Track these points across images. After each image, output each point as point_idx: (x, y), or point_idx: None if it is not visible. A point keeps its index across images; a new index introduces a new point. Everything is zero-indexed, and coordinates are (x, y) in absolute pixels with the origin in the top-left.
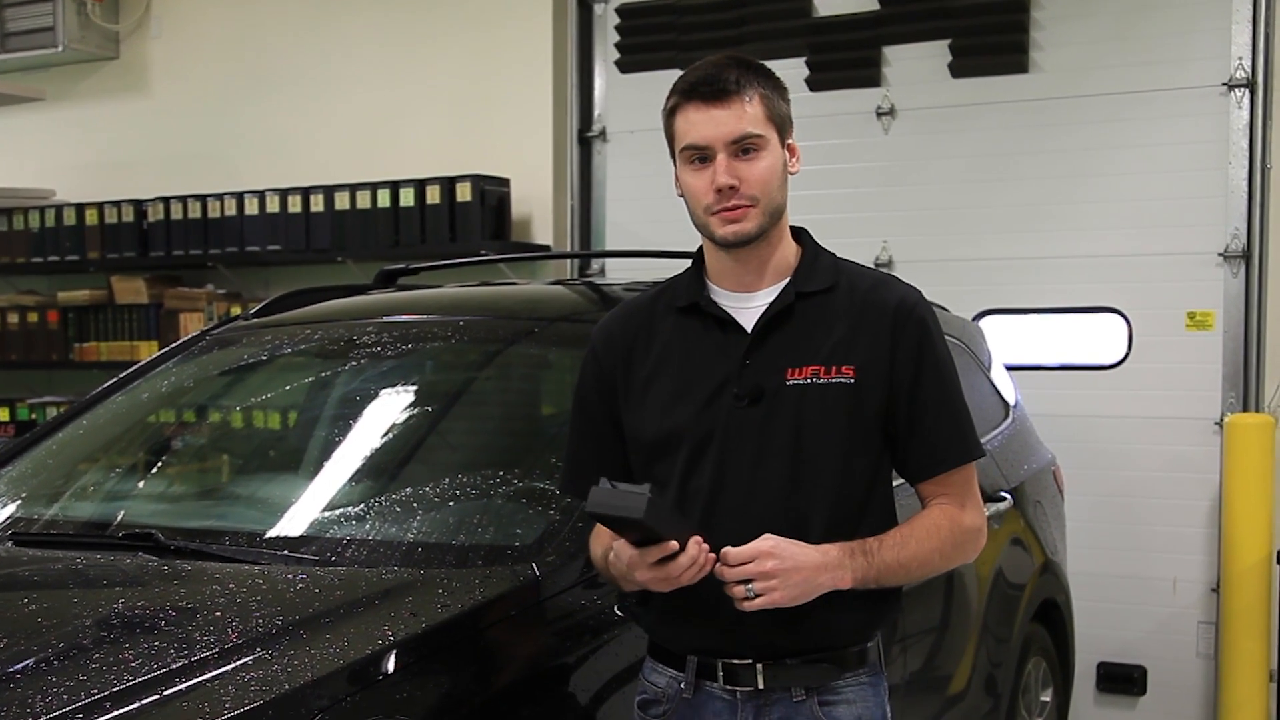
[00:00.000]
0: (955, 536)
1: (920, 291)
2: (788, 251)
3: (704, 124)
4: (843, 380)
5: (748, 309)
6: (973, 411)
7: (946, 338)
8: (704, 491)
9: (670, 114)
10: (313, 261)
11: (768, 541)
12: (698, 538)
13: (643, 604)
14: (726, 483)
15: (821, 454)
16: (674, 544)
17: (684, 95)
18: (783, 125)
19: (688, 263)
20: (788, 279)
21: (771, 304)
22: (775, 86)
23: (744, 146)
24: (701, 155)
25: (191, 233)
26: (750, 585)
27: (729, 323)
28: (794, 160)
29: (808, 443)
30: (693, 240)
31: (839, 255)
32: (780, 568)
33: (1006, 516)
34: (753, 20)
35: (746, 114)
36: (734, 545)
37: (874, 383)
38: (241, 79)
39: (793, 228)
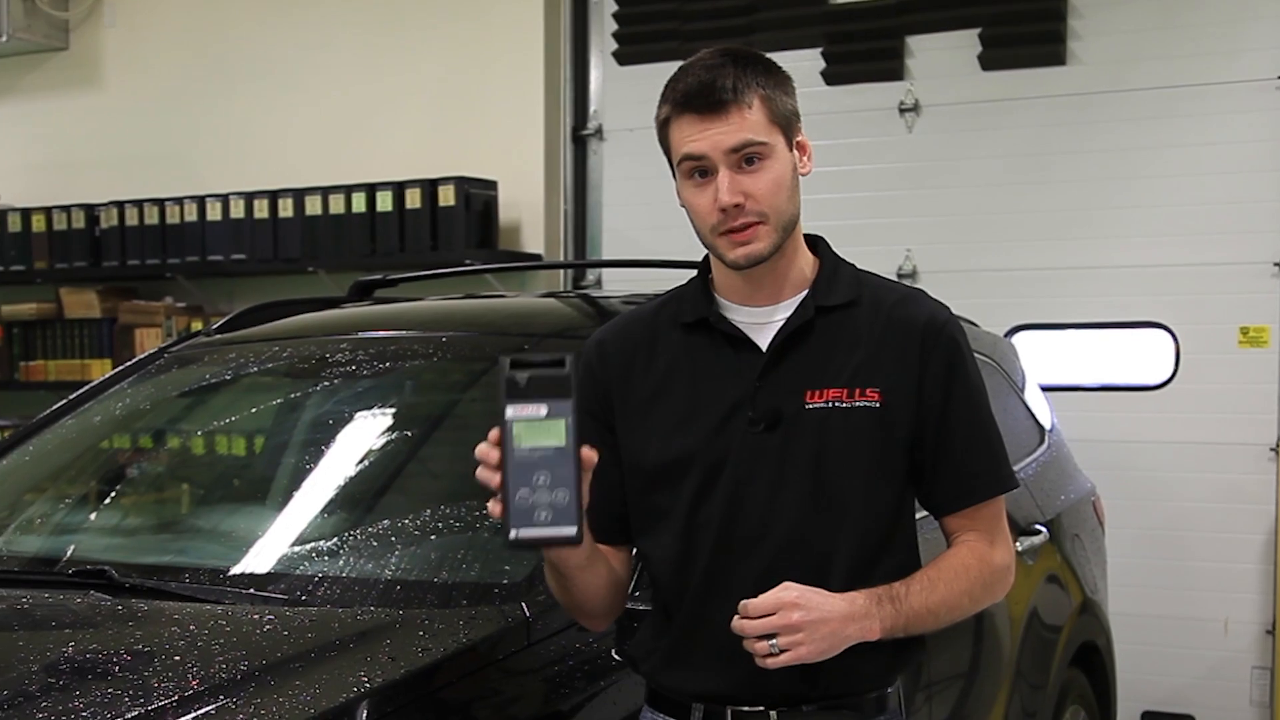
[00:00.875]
0: (985, 577)
1: (949, 308)
2: (803, 263)
3: (701, 134)
4: (867, 405)
5: (762, 325)
6: (1005, 437)
7: (977, 356)
8: (715, 523)
9: (664, 125)
10: (281, 272)
11: (791, 591)
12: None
13: (644, 646)
14: (740, 514)
15: (844, 484)
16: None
17: (676, 106)
18: (789, 124)
19: (693, 273)
20: (805, 292)
21: (788, 320)
22: (777, 81)
23: (746, 156)
24: (701, 169)
25: (148, 240)
26: (774, 641)
27: (741, 340)
28: (805, 160)
29: (829, 472)
30: (697, 247)
31: (859, 266)
32: (806, 620)
33: (1042, 551)
34: (764, 7)
35: (747, 121)
36: (749, 581)
37: (901, 407)
38: (204, 72)
39: (808, 236)
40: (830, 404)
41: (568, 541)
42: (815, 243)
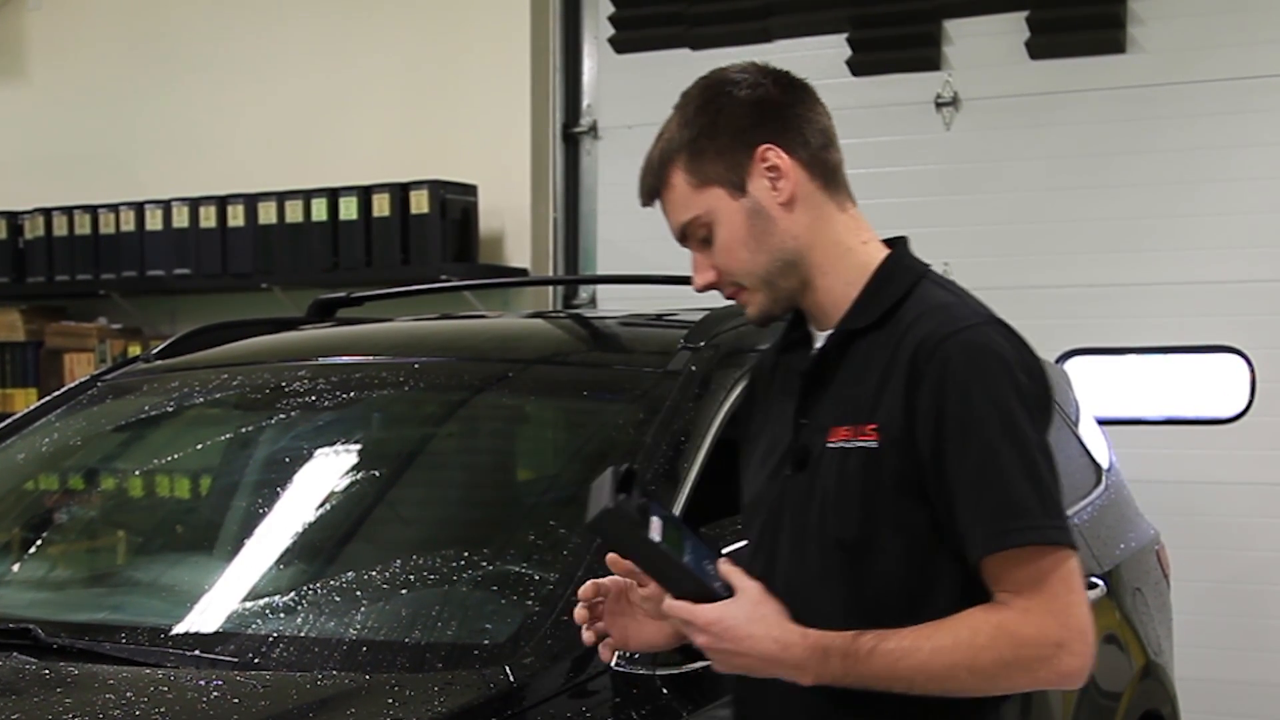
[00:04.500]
0: (1001, 650)
1: (983, 318)
2: (853, 279)
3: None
4: (864, 445)
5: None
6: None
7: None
8: (759, 572)
9: None
10: (231, 289)
11: (708, 614)
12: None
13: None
14: (774, 563)
15: (846, 536)
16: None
17: None
18: (726, 175)
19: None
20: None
21: (819, 350)
22: (697, 128)
23: (696, 235)
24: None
25: (79, 253)
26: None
27: (803, 369)
28: (777, 183)
29: (831, 520)
30: None
31: (931, 275)
32: (713, 648)
33: (1099, 607)
34: None
35: (672, 203)
36: None
37: (895, 447)
38: (141, 60)
39: (889, 240)
40: (840, 444)
41: None
42: (892, 246)
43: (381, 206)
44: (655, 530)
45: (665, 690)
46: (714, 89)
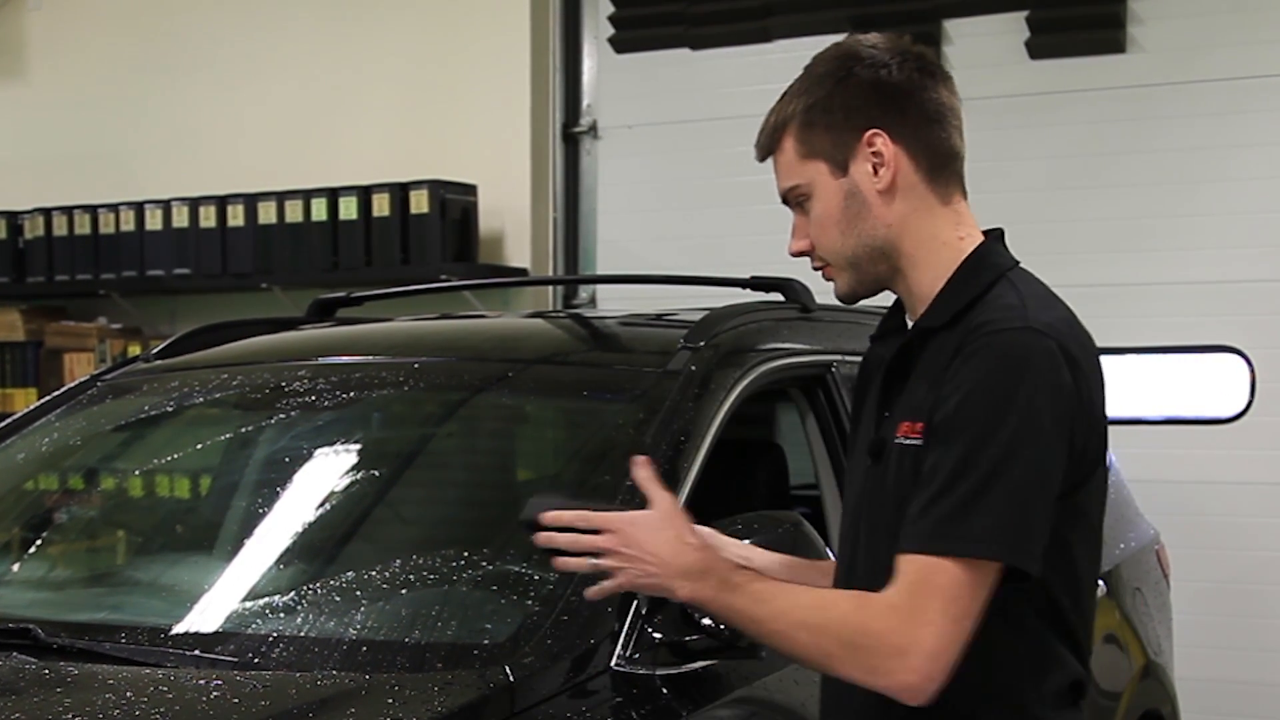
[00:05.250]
0: (845, 630)
1: (1028, 323)
2: (941, 274)
3: None
4: (913, 442)
5: None
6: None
7: None
8: (842, 563)
9: None
10: (231, 289)
11: (622, 518)
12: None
13: None
14: (855, 558)
15: (893, 531)
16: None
17: None
18: (832, 152)
19: (696, 290)
20: None
21: (901, 344)
22: (814, 104)
23: (797, 201)
24: None
25: (79, 253)
26: (597, 559)
27: (887, 362)
28: (879, 171)
29: (891, 516)
30: (705, 261)
31: (1022, 274)
32: (624, 551)
33: (1098, 608)
34: None
35: (781, 167)
36: None
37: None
38: (142, 60)
39: (987, 231)
40: (903, 439)
41: None
42: (986, 238)
43: (381, 206)
44: None
45: (665, 690)
46: (841, 61)
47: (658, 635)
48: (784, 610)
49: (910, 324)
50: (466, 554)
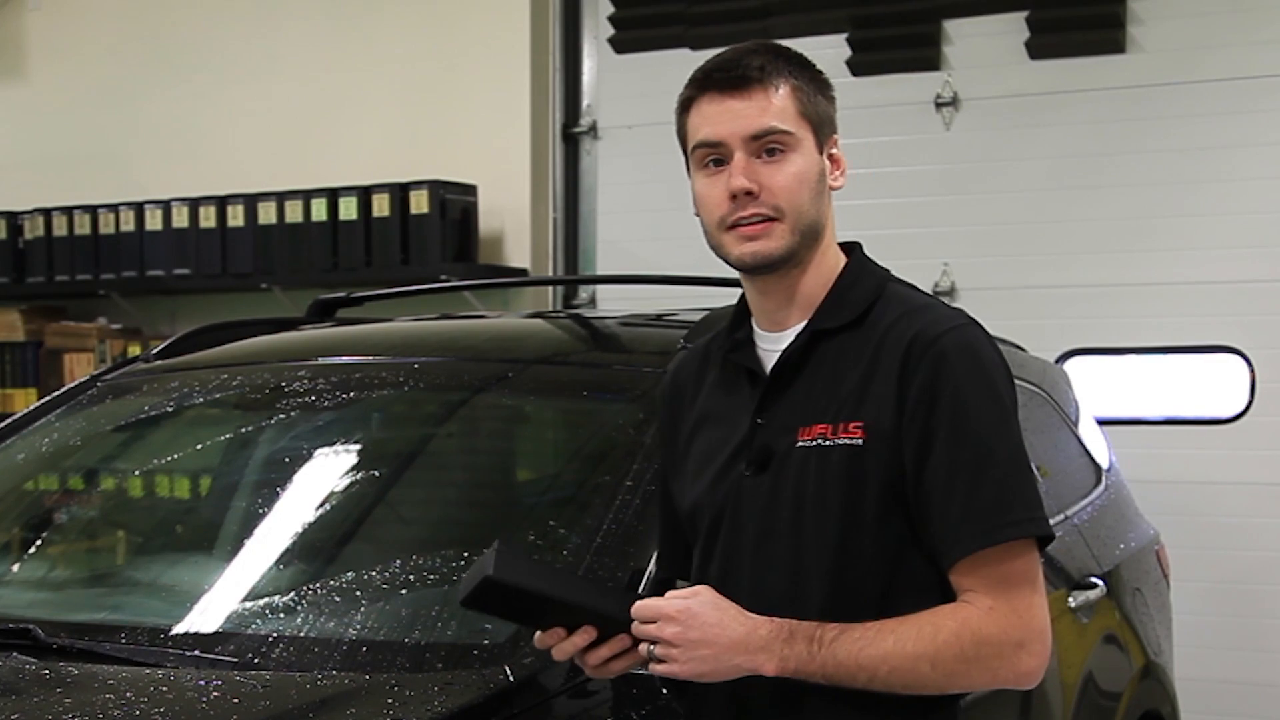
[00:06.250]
0: (963, 646)
1: (967, 319)
2: (825, 279)
3: (719, 117)
4: (848, 442)
5: (774, 352)
6: (1056, 477)
7: (1023, 385)
8: (713, 577)
9: (683, 108)
10: (230, 289)
11: (676, 603)
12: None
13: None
14: (730, 570)
15: (821, 534)
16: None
17: (697, 85)
18: (820, 127)
19: (696, 290)
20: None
21: (787, 347)
22: (814, 80)
23: (768, 145)
24: (716, 156)
25: (79, 253)
26: (653, 647)
27: (755, 373)
28: (837, 173)
29: (809, 520)
30: (705, 261)
31: (894, 278)
32: (683, 637)
33: (1098, 608)
34: None
35: (772, 105)
36: None
37: (883, 443)
38: (142, 60)
39: (845, 244)
40: (816, 442)
41: None
42: (849, 251)
43: (381, 206)
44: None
45: (665, 690)
46: (818, 70)
47: None
48: (894, 649)
49: (764, 332)
50: (466, 554)
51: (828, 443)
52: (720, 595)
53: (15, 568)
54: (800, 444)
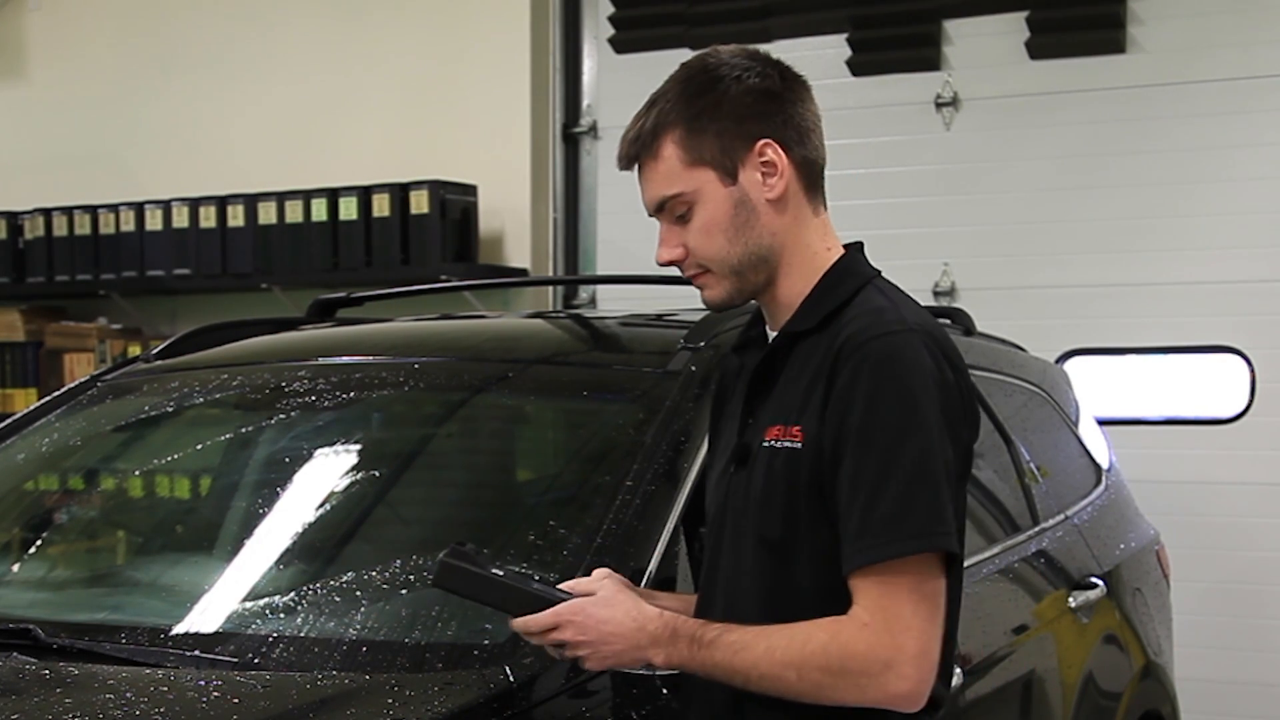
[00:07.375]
0: (829, 659)
1: (906, 326)
2: (810, 281)
3: (641, 189)
4: (790, 445)
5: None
6: (1056, 477)
7: (1023, 385)
8: (706, 573)
9: None
10: (231, 289)
11: (570, 605)
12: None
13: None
14: (714, 564)
15: (765, 532)
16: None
17: None
18: (721, 158)
19: (696, 290)
20: None
21: (767, 349)
22: (700, 113)
23: (674, 210)
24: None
25: (79, 253)
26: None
27: (752, 368)
28: (773, 181)
29: (757, 518)
30: None
31: (881, 281)
32: (580, 638)
33: (1098, 608)
34: None
35: (658, 173)
36: None
37: (811, 448)
38: (142, 61)
39: (848, 244)
40: (772, 443)
41: None
42: (846, 250)
43: (381, 206)
44: (497, 570)
45: (665, 690)
46: (719, 70)
47: None
48: (764, 655)
49: (770, 332)
50: None
51: (778, 444)
52: (617, 589)
53: (15, 568)
54: (765, 444)
